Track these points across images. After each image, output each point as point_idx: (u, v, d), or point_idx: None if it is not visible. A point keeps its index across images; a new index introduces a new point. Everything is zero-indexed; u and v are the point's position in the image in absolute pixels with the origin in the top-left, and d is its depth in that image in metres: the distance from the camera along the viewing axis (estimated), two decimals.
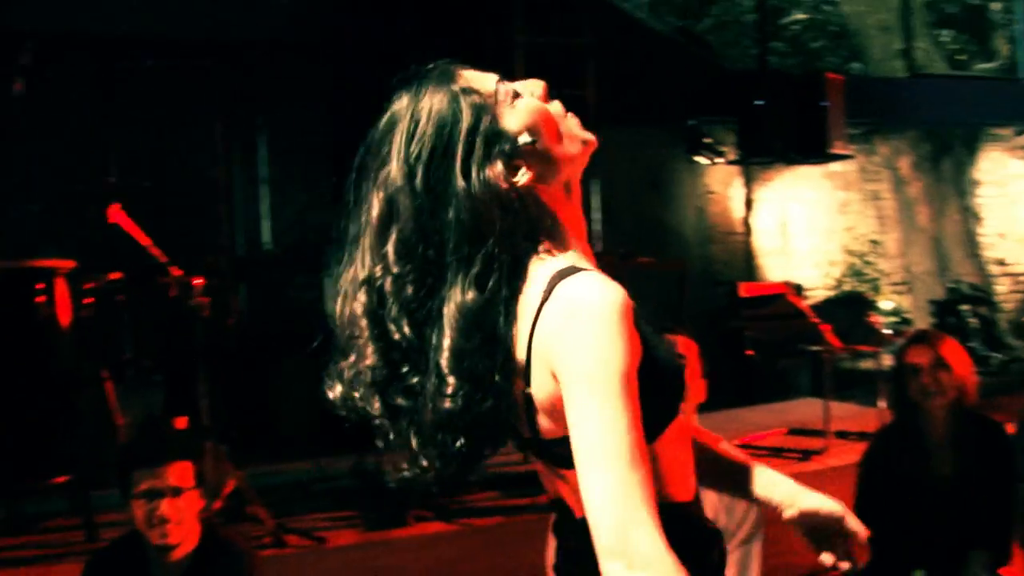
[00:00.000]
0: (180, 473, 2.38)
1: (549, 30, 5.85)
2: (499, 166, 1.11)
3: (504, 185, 1.10)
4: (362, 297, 1.11)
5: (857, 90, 7.42)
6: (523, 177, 1.13)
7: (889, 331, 7.73)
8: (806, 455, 4.85)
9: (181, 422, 3.54)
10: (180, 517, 2.35)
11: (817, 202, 8.58)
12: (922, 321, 8.32)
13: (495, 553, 3.74)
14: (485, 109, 1.13)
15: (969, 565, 2.86)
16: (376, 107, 1.18)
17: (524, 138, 1.14)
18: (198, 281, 3.59)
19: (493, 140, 1.11)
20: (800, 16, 9.58)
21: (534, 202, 1.15)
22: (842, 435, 5.00)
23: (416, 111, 1.12)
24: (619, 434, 0.99)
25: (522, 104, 1.16)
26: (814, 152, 6.90)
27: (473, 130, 1.11)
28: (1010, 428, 3.25)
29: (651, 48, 7.21)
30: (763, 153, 7.14)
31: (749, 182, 8.01)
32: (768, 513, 1.43)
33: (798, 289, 6.66)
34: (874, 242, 8.50)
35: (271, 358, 5.23)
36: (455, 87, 1.14)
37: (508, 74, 1.21)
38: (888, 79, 8.13)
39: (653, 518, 0.98)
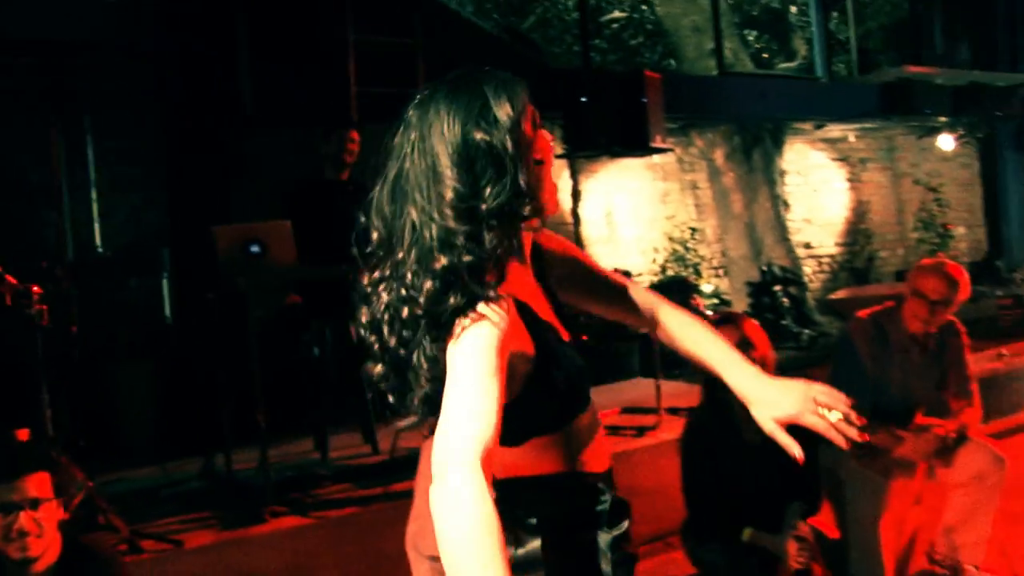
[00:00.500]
0: (37, 484, 2.37)
1: (381, 29, 5.92)
2: None
3: None
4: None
5: (673, 87, 7.88)
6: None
7: (711, 312, 8.30)
8: (640, 431, 5.17)
9: (23, 434, 3.48)
10: (40, 529, 2.34)
11: (640, 192, 9.04)
12: (740, 302, 8.93)
13: (352, 543, 3.87)
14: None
15: (787, 517, 3.19)
16: (204, 109, 1.37)
17: None
18: (36, 289, 3.53)
19: None
20: (619, 15, 10.02)
21: None
22: (673, 411, 5.32)
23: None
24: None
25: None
26: (636, 146, 7.30)
27: None
28: None
29: (478, 46, 7.41)
30: (588, 147, 7.49)
31: (576, 174, 8.36)
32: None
33: (627, 275, 7.01)
34: (693, 229, 9.05)
35: (109, 364, 5.14)
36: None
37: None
38: (701, 77, 8.67)
39: (474, 465, 1.24)
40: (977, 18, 11.16)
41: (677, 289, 7.59)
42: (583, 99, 7.26)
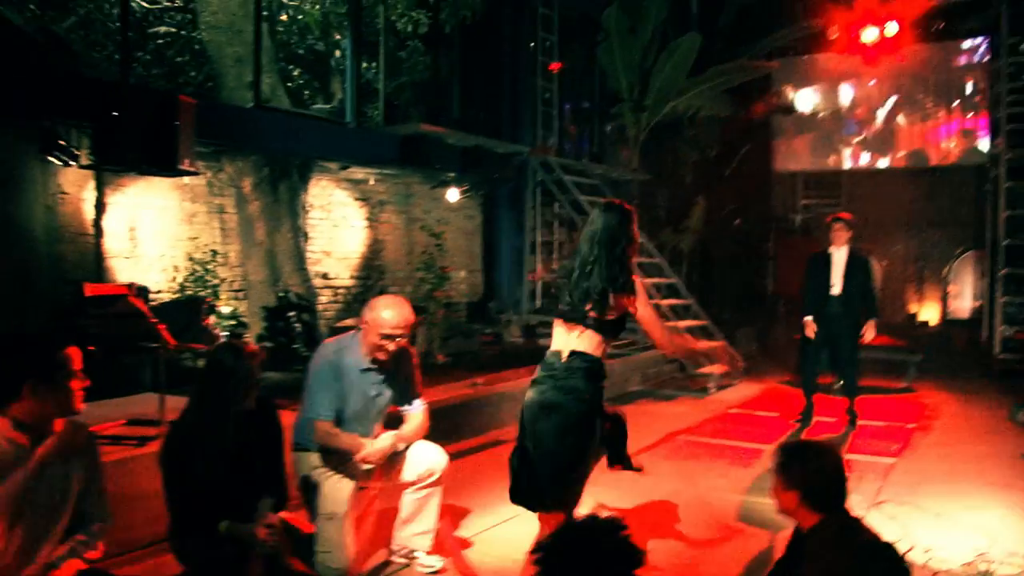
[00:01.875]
0: None
1: None
2: None
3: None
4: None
5: (210, 113, 8.41)
6: None
7: (225, 332, 8.85)
8: (142, 441, 5.61)
9: None
10: None
11: (167, 211, 9.37)
12: (256, 325, 9.58)
13: None
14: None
15: (259, 510, 3.86)
16: None
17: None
18: None
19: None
20: (166, 30, 10.14)
21: None
22: None
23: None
24: None
25: None
26: (164, 166, 7.63)
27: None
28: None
29: (7, 44, 7.25)
30: (116, 162, 7.72)
31: (102, 187, 8.52)
32: None
33: (142, 291, 7.33)
34: (216, 252, 9.54)
35: None
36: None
37: None
38: (237, 107, 9.18)
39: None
40: (488, 92, 13.06)
41: (187, 308, 8.02)
42: (115, 113, 7.40)
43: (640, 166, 15.97)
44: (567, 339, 4.11)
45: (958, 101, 18.08)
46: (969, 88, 17.93)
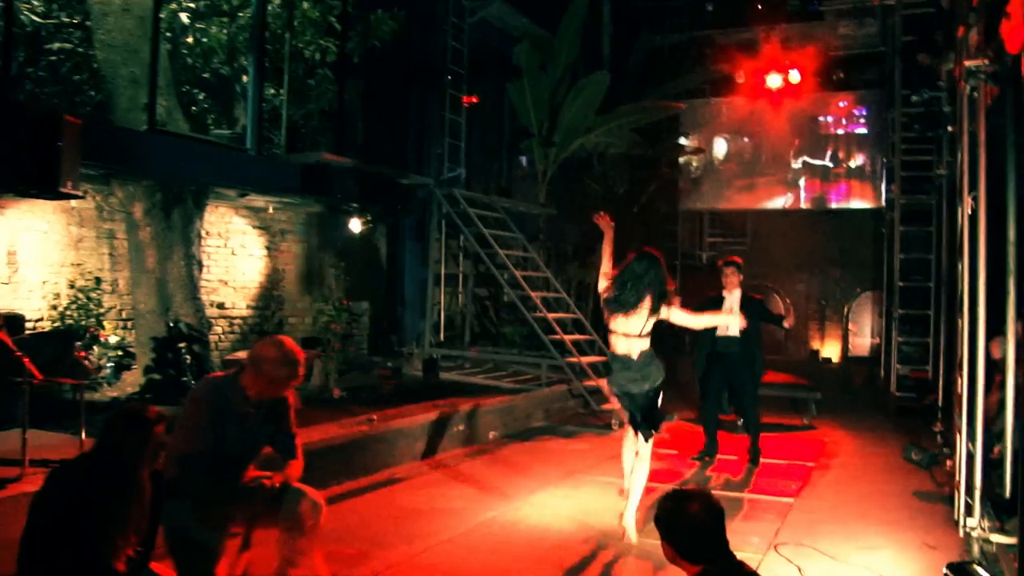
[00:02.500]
0: None
1: None
2: None
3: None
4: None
5: (100, 135, 8.07)
6: None
7: (110, 364, 8.39)
8: (1, 484, 5.17)
9: None
10: None
11: (51, 235, 8.91)
12: (144, 356, 9.13)
13: None
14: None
15: None
16: None
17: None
18: None
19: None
20: (60, 47, 9.71)
21: None
22: (41, 463, 5.38)
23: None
24: None
25: None
26: (45, 188, 7.25)
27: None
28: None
29: None
30: None
31: None
32: None
33: (13, 320, 6.92)
34: (100, 279, 9.12)
35: None
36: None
37: None
38: (130, 130, 8.82)
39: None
40: (396, 123, 12.88)
41: (58, 341, 7.60)
42: None
43: (548, 201, 15.95)
44: (628, 344, 6.30)
45: (857, 147, 18.61)
46: (867, 135, 18.47)
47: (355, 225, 11.92)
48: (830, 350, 22.43)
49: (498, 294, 14.53)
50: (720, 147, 19.63)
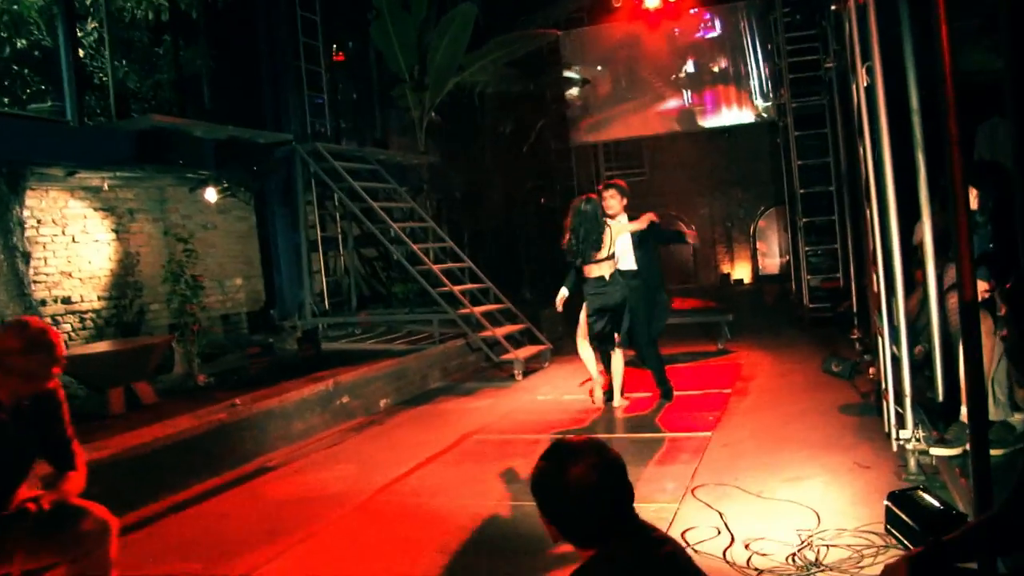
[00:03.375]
0: None
1: None
2: None
3: None
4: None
5: None
6: None
7: None
8: None
9: None
10: None
11: None
12: None
13: None
14: None
15: None
16: None
17: None
18: None
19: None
20: None
21: None
22: None
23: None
24: None
25: None
26: None
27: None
28: None
29: None
30: None
31: None
32: None
33: None
34: None
35: None
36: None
37: None
38: None
39: None
40: (247, 80, 11.66)
41: None
42: None
43: (429, 149, 14.94)
44: (600, 268, 7.53)
45: (745, 61, 17.96)
46: (753, 46, 17.83)
47: (210, 195, 10.74)
48: (741, 271, 22.02)
49: (388, 253, 13.51)
50: (605, 76, 18.77)
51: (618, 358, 7.80)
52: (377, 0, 13.55)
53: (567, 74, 18.45)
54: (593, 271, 7.59)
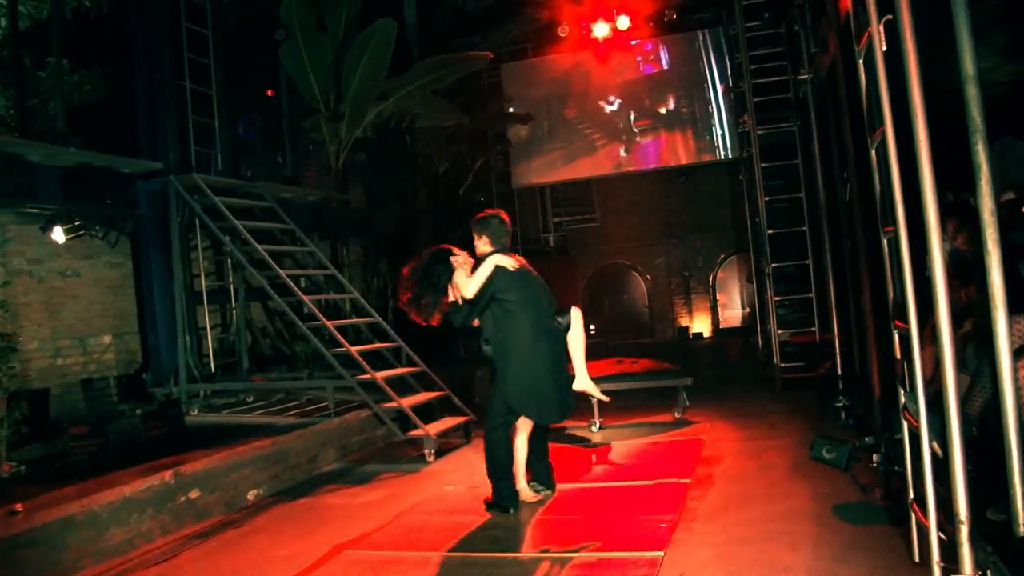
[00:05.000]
0: None
1: None
2: None
3: None
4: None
5: None
6: None
7: None
8: None
9: None
10: None
11: None
12: None
13: None
14: None
15: None
16: None
17: None
18: None
19: None
20: None
21: None
22: None
23: None
24: None
25: None
26: None
27: None
28: None
29: None
30: None
31: None
32: None
33: None
34: None
35: None
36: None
37: None
38: None
39: None
40: (118, 103, 9.78)
41: None
42: None
43: (354, 187, 13.11)
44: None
45: (703, 94, 16.41)
46: (711, 78, 16.29)
47: (58, 235, 8.75)
48: (700, 325, 20.32)
49: (299, 307, 11.52)
50: (550, 112, 17.09)
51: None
52: (286, 18, 11.79)
53: (510, 109, 16.75)
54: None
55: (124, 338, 10.13)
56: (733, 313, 20.45)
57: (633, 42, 16.42)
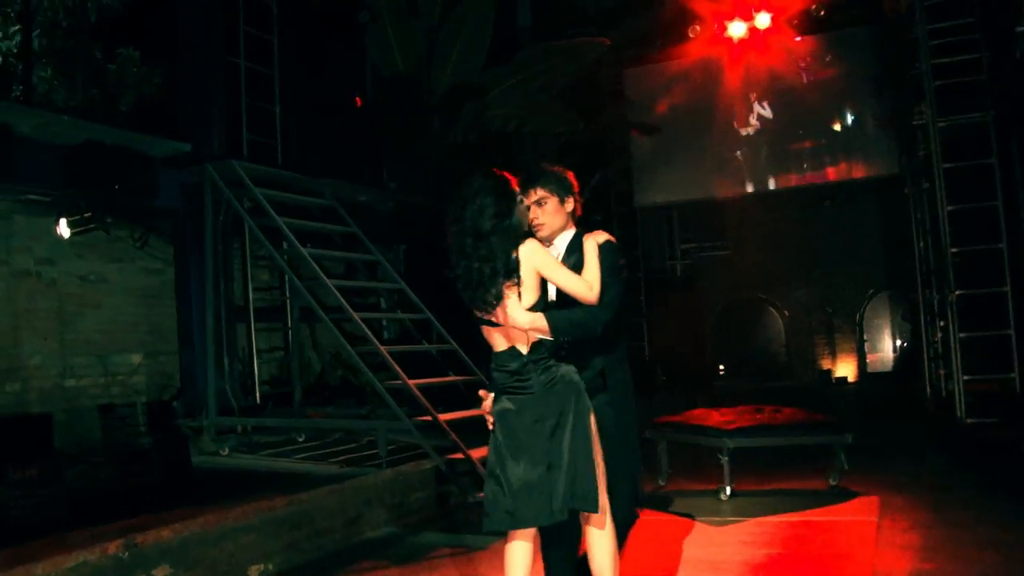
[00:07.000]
0: None
1: None
2: None
3: None
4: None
5: None
6: None
7: None
8: None
9: None
10: None
11: None
12: None
13: None
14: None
15: None
16: None
17: None
18: None
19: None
20: None
21: None
22: None
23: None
24: None
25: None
26: None
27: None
28: None
29: None
30: None
31: None
32: None
33: None
34: None
35: None
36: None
37: None
38: None
39: None
40: (163, 80, 8.28)
41: None
42: None
43: (448, 194, 11.30)
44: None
45: (852, 103, 14.01)
46: (862, 86, 13.87)
47: (63, 228, 7.19)
48: (844, 368, 17.64)
49: (378, 327, 9.70)
50: (677, 121, 14.91)
51: (599, 539, 3.28)
52: None
53: (631, 117, 14.69)
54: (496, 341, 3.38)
55: (159, 358, 8.51)
56: (881, 356, 17.75)
57: (774, 43, 14.17)
